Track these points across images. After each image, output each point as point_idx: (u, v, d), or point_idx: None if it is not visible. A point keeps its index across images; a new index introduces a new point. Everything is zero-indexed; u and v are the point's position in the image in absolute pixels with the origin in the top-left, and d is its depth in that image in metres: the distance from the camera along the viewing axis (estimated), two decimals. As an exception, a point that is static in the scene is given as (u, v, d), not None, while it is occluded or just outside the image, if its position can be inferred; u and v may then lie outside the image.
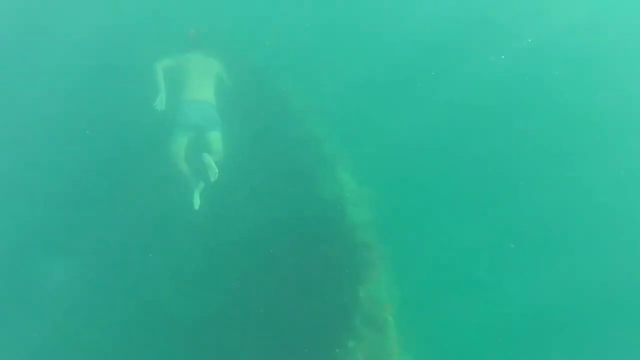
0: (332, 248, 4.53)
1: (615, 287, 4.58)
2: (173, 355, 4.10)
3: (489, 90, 5.65)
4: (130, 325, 4.20)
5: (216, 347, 4.13)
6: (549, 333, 4.39)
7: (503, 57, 5.87)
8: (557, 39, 6.00)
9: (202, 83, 4.93)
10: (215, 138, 4.79)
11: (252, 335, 4.11)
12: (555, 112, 5.66)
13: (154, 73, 4.86)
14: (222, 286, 4.36)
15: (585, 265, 4.61)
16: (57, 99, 5.32)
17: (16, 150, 5.12)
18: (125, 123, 5.11)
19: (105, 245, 4.57)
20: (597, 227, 4.92)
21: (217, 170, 4.52)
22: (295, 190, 4.81)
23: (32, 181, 4.94)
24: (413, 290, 4.41)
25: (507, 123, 5.42)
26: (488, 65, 5.78)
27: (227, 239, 4.54)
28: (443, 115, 5.39)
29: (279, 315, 4.19)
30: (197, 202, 4.59)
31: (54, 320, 4.22)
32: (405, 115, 5.32)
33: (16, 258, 4.58)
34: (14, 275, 4.51)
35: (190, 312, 4.25)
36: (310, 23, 5.98)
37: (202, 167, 4.61)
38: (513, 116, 5.52)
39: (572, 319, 4.46)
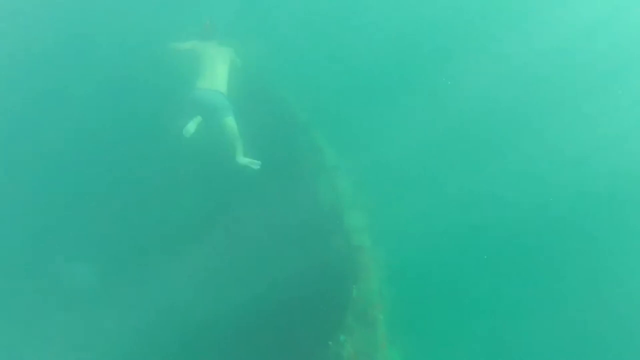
0: (329, 249, 4.86)
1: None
2: (166, 337, 4.36)
3: (492, 99, 6.04)
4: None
5: (212, 337, 4.37)
6: (535, 333, 4.68)
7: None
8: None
9: (215, 71, 5.13)
10: (230, 122, 4.98)
11: (248, 327, 4.41)
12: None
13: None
14: (219, 282, 4.60)
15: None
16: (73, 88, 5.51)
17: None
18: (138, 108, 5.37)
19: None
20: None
21: (259, 162, 4.84)
22: (294, 193, 5.11)
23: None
24: (402, 291, 4.72)
25: (505, 133, 5.81)
26: (490, 74, 6.16)
27: (225, 237, 4.84)
28: (439, 126, 5.78)
29: (278, 310, 4.48)
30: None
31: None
32: (403, 126, 5.75)
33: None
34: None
35: (186, 304, 4.50)
36: (317, 27, 6.38)
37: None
38: (510, 127, 5.92)
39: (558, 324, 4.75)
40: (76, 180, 5.26)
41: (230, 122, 5.02)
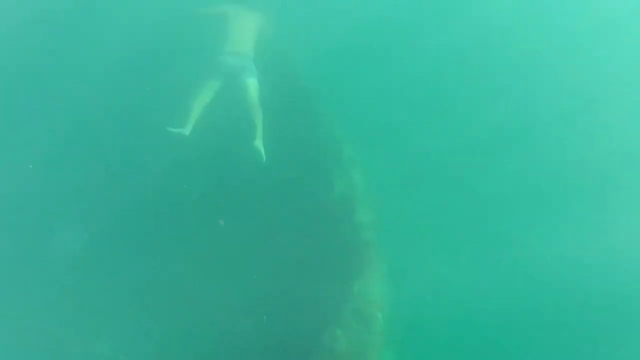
0: (334, 241, 4.77)
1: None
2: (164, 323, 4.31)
3: (510, 106, 5.85)
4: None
5: (210, 322, 4.30)
6: (540, 339, 4.52)
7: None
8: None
9: (243, 36, 5.11)
10: (252, 85, 4.93)
11: (245, 313, 4.33)
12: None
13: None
14: (220, 269, 4.52)
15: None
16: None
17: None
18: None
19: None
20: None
21: (264, 157, 4.70)
22: (307, 183, 5.05)
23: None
24: (405, 293, 4.62)
25: (523, 138, 5.59)
26: (509, 83, 5.98)
27: (228, 224, 4.74)
28: (464, 127, 5.62)
29: (274, 297, 4.40)
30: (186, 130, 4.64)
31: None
32: (423, 125, 5.57)
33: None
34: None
35: (188, 293, 4.42)
36: (345, 24, 6.07)
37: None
38: (531, 132, 5.70)
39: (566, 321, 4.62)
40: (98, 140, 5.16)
41: (253, 84, 4.97)
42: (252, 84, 4.95)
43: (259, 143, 4.73)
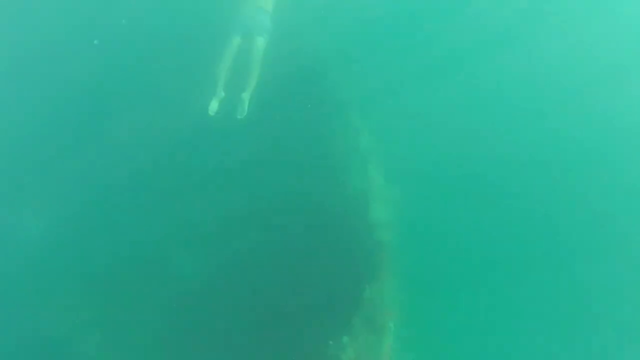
0: (346, 241, 4.45)
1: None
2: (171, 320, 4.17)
3: (540, 99, 5.37)
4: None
5: (213, 325, 4.12)
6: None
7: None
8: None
9: None
10: (259, 45, 4.88)
11: (247, 312, 4.12)
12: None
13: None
14: (227, 265, 4.34)
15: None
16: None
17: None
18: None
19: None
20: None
21: (245, 111, 4.71)
22: (321, 177, 4.71)
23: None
24: (419, 301, 4.28)
25: (547, 134, 5.15)
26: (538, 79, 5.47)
27: (240, 213, 4.52)
28: (484, 125, 5.15)
29: (279, 299, 4.15)
30: (213, 109, 4.73)
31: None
32: (447, 120, 5.09)
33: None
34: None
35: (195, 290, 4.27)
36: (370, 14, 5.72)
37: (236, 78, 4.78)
38: (551, 123, 5.23)
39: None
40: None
41: (260, 43, 4.91)
42: (260, 41, 4.91)
43: (245, 97, 4.74)
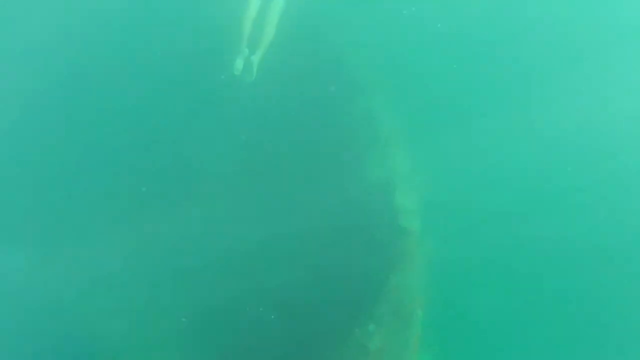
0: (371, 227, 4.34)
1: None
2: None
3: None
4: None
5: (239, 314, 4.06)
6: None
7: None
8: None
9: None
10: (276, 6, 4.76)
11: (273, 301, 4.07)
12: None
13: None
14: (248, 253, 4.24)
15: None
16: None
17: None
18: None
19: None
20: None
21: (254, 75, 4.61)
22: (343, 164, 4.59)
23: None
24: (449, 289, 4.14)
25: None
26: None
27: (258, 200, 4.44)
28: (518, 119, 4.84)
29: (304, 287, 4.08)
30: (238, 68, 4.63)
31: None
32: (476, 109, 4.84)
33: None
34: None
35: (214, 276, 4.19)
36: None
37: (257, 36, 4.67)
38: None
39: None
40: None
41: (277, 4, 4.78)
42: (277, 3, 4.77)
43: (255, 59, 4.64)
